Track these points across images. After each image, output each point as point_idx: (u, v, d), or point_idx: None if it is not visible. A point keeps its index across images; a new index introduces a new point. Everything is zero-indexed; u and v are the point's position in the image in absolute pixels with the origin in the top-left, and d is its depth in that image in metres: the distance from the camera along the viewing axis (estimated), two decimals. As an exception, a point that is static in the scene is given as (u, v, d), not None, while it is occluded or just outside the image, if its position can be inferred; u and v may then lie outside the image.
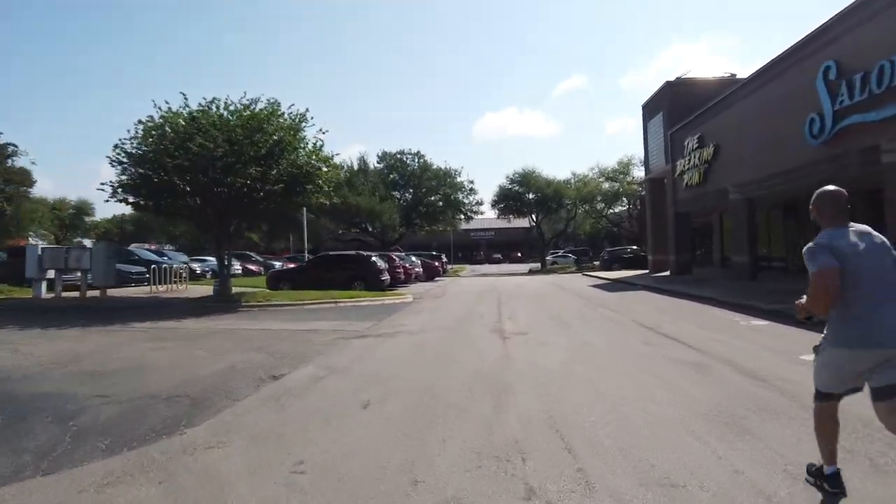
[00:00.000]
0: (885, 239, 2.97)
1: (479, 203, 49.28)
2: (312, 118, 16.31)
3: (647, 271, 29.53)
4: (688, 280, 22.05)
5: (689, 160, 23.33)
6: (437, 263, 33.06)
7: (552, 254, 56.99)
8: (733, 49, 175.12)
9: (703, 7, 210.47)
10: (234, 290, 19.36)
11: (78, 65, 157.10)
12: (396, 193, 49.25)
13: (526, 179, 48.14)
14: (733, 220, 20.81)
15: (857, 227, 2.98)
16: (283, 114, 15.90)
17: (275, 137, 15.23)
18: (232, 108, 15.75)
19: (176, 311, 14.08)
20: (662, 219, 29.32)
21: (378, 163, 50.18)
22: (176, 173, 14.15)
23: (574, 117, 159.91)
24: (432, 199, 48.75)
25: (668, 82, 26.46)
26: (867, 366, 2.87)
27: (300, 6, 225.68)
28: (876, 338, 2.80)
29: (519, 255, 74.56)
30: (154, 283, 19.76)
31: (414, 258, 29.58)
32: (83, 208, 55.60)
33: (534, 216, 50.45)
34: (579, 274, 35.75)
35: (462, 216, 50.51)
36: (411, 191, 48.83)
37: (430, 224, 50.24)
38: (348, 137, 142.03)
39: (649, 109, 29.10)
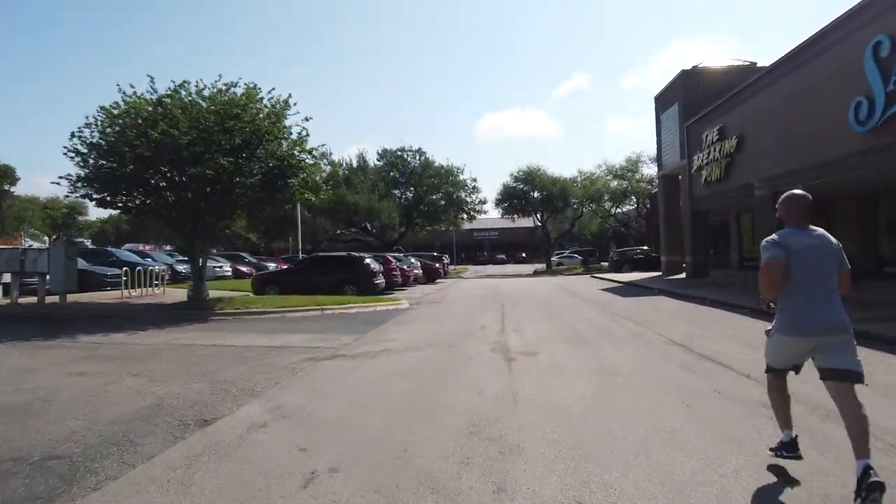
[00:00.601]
0: (835, 243, 3.34)
1: (483, 202, 47.66)
2: (296, 104, 14.70)
3: (659, 273, 27.83)
4: (707, 283, 20.35)
5: (709, 154, 21.62)
6: (437, 265, 31.31)
7: (558, 254, 55.30)
8: (733, 49, 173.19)
9: (702, 7, 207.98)
10: (215, 294, 17.81)
11: (77, 63, 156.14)
12: (397, 192, 47.63)
13: (531, 177, 46.38)
14: (758, 219, 19.09)
15: (815, 229, 3.37)
16: (262, 99, 14.29)
17: (254, 124, 13.61)
18: (206, 92, 14.16)
19: (137, 321, 12.50)
20: (676, 217, 27.62)
21: (378, 160, 48.57)
22: (138, 164, 12.56)
23: (576, 117, 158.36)
24: (434, 197, 47.07)
25: (683, 71, 24.75)
26: (801, 351, 3.32)
27: (300, 7, 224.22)
28: (810, 327, 3.23)
29: (523, 255, 72.86)
30: (130, 287, 18.23)
31: (413, 259, 27.94)
32: (76, 207, 54.17)
33: (539, 215, 48.71)
34: (587, 276, 34.06)
35: (465, 215, 48.82)
36: (412, 189, 47.19)
37: (432, 224, 48.58)
38: (348, 140, 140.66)
39: (662, 101, 27.39)
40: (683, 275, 24.98)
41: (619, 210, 50.74)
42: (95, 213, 60.65)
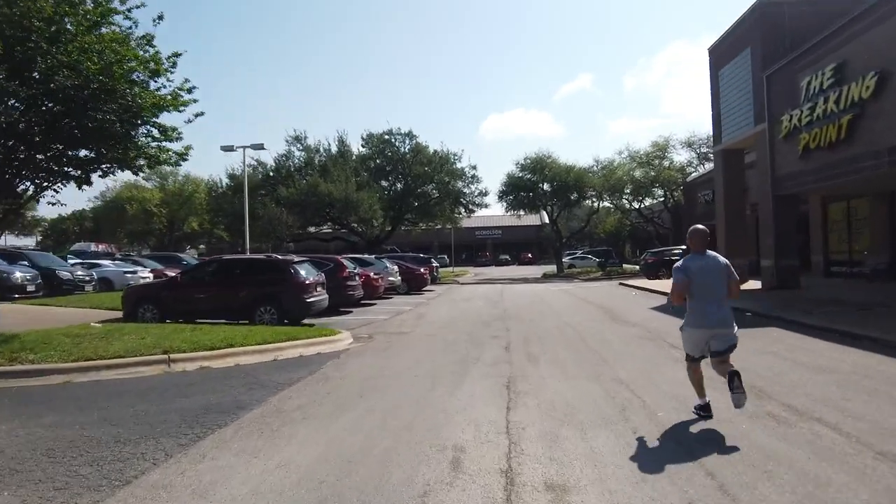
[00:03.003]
0: (723, 262, 4.86)
1: (483, 193, 40.52)
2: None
3: (715, 281, 20.86)
4: (814, 301, 13.32)
5: (813, 109, 14.67)
6: (421, 269, 24.08)
7: (569, 255, 48.21)
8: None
9: (703, 8, 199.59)
10: (33, 322, 11.04)
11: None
12: (385, 183, 40.67)
13: (539, 166, 39.35)
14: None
15: (710, 253, 4.92)
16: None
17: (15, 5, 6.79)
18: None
19: None
20: (740, 206, 20.69)
21: (363, 146, 41.54)
22: None
23: (579, 118, 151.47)
24: (426, 188, 40.09)
25: (758, 1, 17.77)
26: (704, 339, 4.87)
27: (298, 8, 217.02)
28: (705, 323, 4.82)
29: (529, 256, 65.83)
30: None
31: (387, 263, 21.00)
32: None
33: (548, 210, 41.69)
34: (612, 282, 27.06)
35: (463, 210, 41.78)
36: (401, 179, 40.19)
37: (424, 219, 41.60)
38: (349, 141, 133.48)
39: (723, 51, 20.39)
40: (758, 285, 18.01)
41: (641, 204, 43.80)
42: (48, 210, 53.63)
